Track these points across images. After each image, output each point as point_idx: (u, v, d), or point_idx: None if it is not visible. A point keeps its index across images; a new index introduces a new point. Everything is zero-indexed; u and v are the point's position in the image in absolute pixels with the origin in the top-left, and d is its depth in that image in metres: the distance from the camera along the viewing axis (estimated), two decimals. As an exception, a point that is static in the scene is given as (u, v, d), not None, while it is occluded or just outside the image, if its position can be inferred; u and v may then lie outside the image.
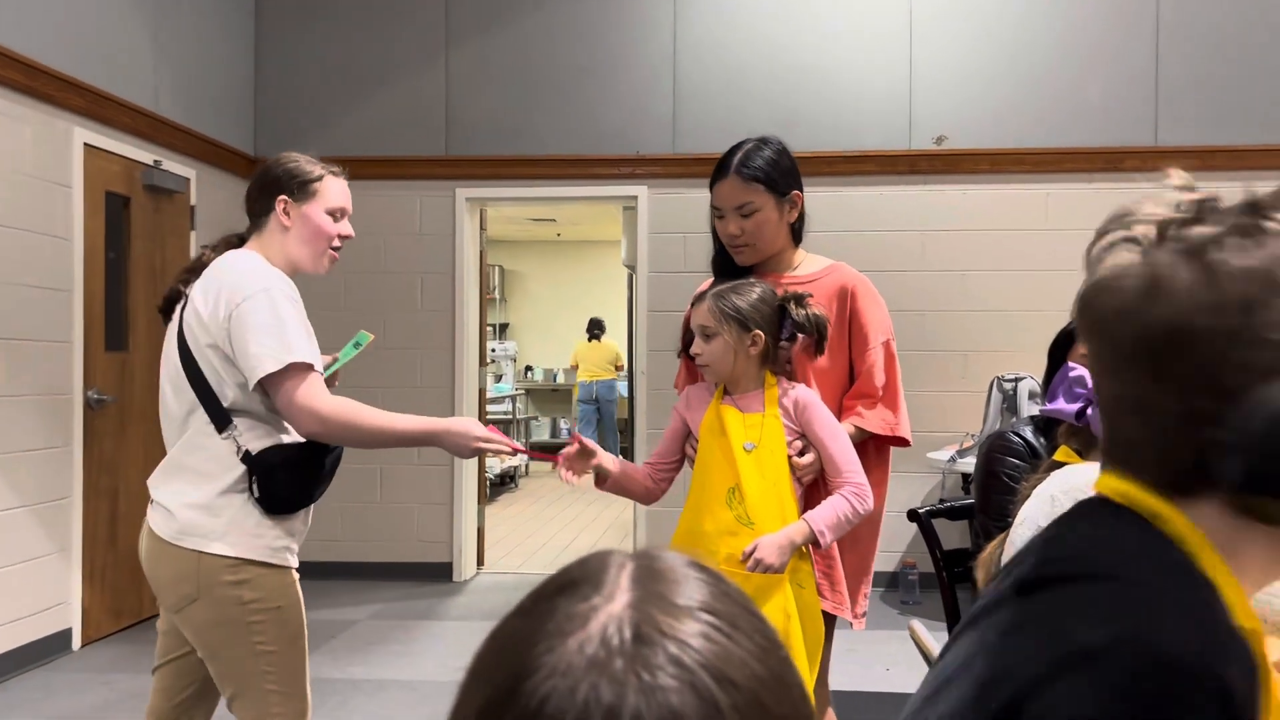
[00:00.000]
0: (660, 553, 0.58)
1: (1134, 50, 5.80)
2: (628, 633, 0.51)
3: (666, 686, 0.49)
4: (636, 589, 0.53)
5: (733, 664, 0.51)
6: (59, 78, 4.53)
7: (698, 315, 2.25)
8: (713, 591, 0.55)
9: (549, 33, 6.08)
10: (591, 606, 0.52)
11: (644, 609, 0.52)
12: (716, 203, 2.36)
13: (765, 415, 2.22)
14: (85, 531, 4.73)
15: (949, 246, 5.88)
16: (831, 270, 2.43)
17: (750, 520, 2.15)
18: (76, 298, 4.68)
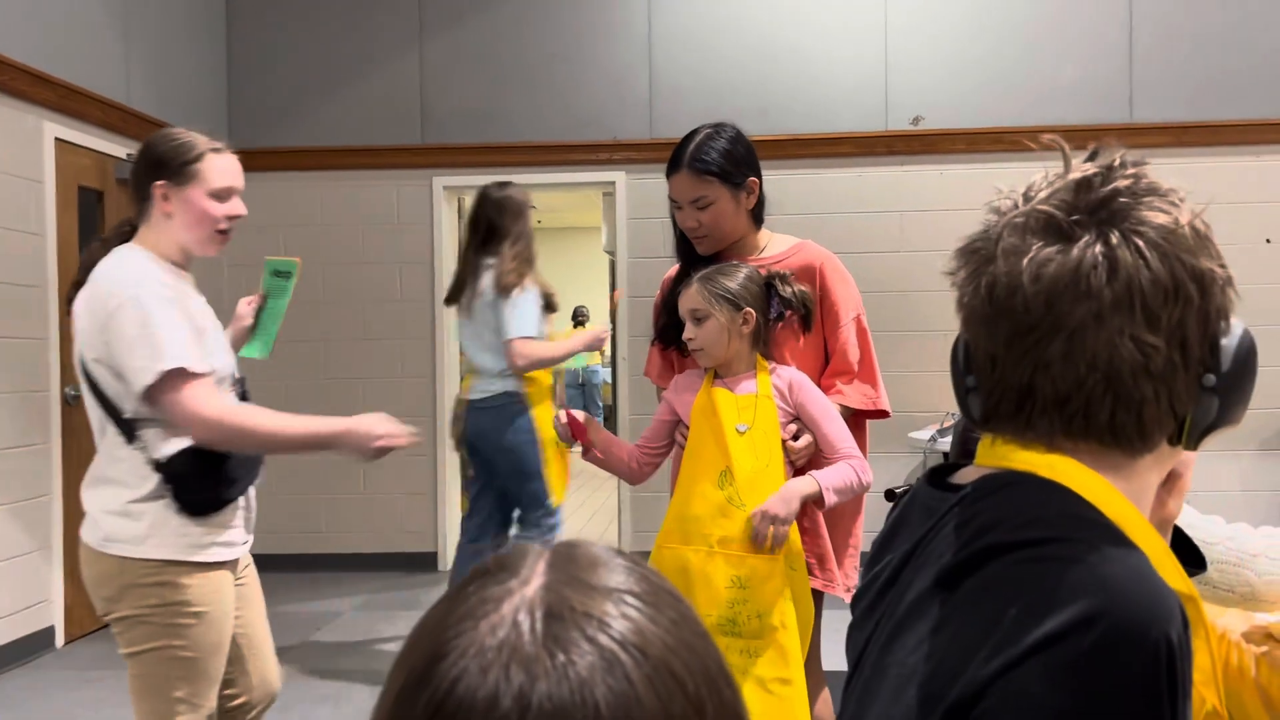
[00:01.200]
0: (580, 541, 0.58)
1: (1107, 28, 5.82)
2: (539, 613, 0.51)
3: (576, 661, 0.49)
4: (551, 573, 0.54)
5: (645, 637, 0.51)
6: (28, 72, 4.49)
7: (687, 300, 2.24)
8: (629, 573, 0.55)
9: (524, 19, 6.05)
10: (506, 590, 0.53)
11: (557, 590, 0.52)
12: (673, 195, 2.37)
13: (758, 397, 2.22)
14: (66, 529, 4.70)
15: (928, 226, 5.90)
16: (798, 249, 2.45)
17: (742, 502, 2.15)
18: (51, 293, 4.65)
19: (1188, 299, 0.82)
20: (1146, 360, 0.82)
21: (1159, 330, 0.82)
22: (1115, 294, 0.82)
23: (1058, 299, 0.83)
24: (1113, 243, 0.82)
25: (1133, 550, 0.78)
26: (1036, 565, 0.76)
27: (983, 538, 0.81)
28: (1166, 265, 0.82)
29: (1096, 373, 0.83)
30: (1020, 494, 0.84)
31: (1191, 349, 0.84)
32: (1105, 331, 0.82)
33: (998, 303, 0.86)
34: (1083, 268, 0.82)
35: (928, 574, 0.84)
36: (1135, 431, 0.85)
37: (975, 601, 0.78)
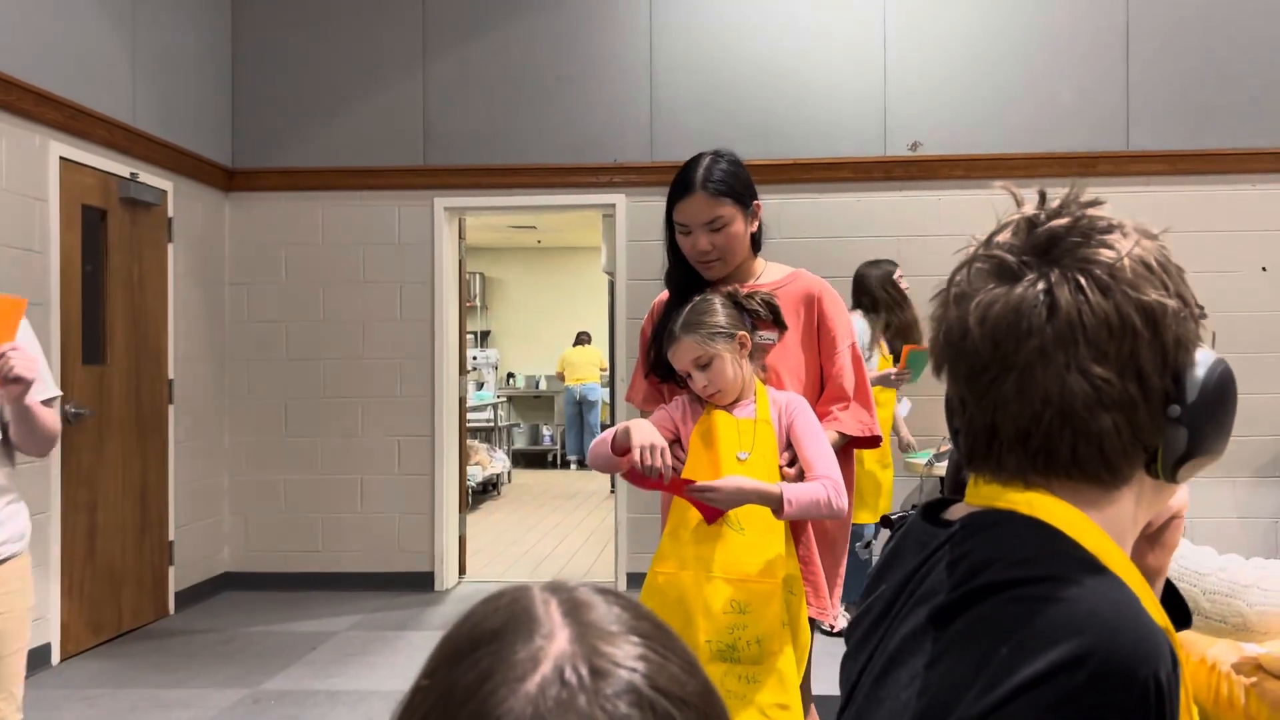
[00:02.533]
0: (571, 583, 0.59)
1: (1105, 56, 5.87)
2: (584, 669, 0.52)
3: (629, 715, 0.50)
4: (572, 624, 0.55)
5: (675, 681, 0.53)
6: (34, 92, 4.52)
7: (684, 353, 2.22)
8: (631, 613, 0.57)
9: (526, 42, 6.10)
10: (538, 648, 0.53)
11: (588, 643, 0.53)
12: (682, 219, 2.35)
13: (757, 421, 2.23)
14: (64, 546, 4.71)
15: (925, 251, 5.93)
16: (794, 277, 2.46)
17: (742, 526, 2.14)
18: (53, 311, 4.67)
19: (1134, 332, 0.84)
20: (1099, 393, 0.84)
21: (1107, 363, 0.83)
22: (1056, 330, 0.84)
23: (1003, 339, 0.86)
24: (1052, 281, 0.85)
25: (1122, 588, 0.79)
26: (1027, 604, 0.78)
27: (975, 577, 0.82)
28: (1110, 300, 0.83)
29: (1050, 408, 0.84)
30: (1009, 533, 0.85)
31: (1150, 381, 0.85)
32: (1052, 367, 0.84)
33: (953, 346, 0.90)
34: (1023, 307, 0.85)
35: (921, 610, 0.85)
36: (1100, 464, 0.85)
37: (967, 639, 0.79)
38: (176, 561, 5.64)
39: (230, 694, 4.24)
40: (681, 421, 2.34)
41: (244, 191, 6.21)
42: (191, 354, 5.82)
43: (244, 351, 6.19)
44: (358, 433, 6.14)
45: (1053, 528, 0.84)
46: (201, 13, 5.96)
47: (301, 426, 6.16)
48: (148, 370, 5.41)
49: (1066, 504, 0.85)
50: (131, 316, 5.28)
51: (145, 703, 4.15)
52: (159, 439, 5.50)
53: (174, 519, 5.61)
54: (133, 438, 5.26)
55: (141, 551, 5.34)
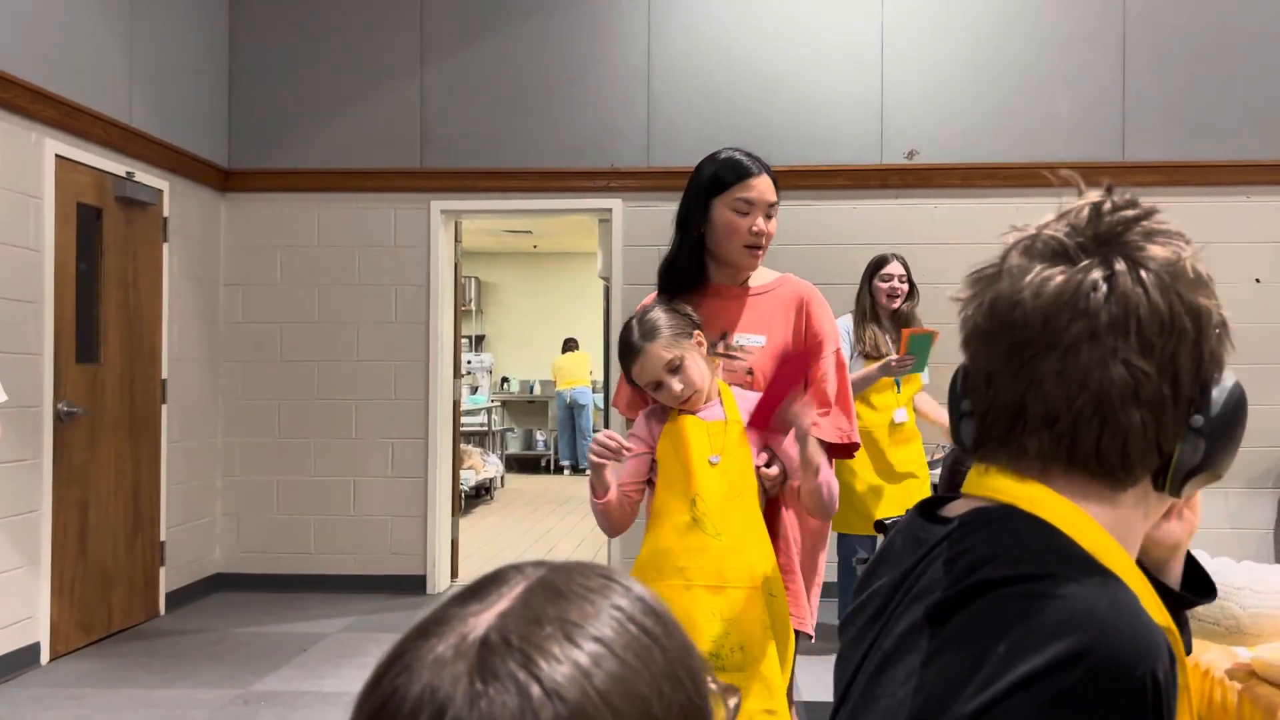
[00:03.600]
0: (576, 570, 0.58)
1: (1102, 66, 5.89)
2: (477, 639, 0.52)
3: (493, 697, 0.50)
4: (517, 602, 0.54)
5: (578, 685, 0.51)
6: (30, 89, 4.52)
7: (654, 361, 2.19)
8: (605, 615, 0.55)
9: (524, 46, 6.11)
10: (469, 613, 0.54)
11: (508, 620, 0.53)
12: (750, 196, 2.34)
13: (728, 422, 2.21)
14: (54, 545, 4.69)
15: (920, 260, 5.92)
16: (784, 281, 2.47)
17: (718, 531, 2.12)
18: (47, 309, 4.66)
19: (1183, 332, 0.84)
20: (1137, 386, 0.84)
21: (1151, 358, 0.84)
22: (1112, 315, 0.84)
23: (1055, 315, 0.85)
24: (1115, 268, 0.85)
25: (1120, 587, 0.79)
26: (1024, 602, 0.77)
27: (973, 574, 0.82)
28: (1165, 297, 0.84)
29: (1086, 393, 0.84)
30: (1007, 530, 0.85)
31: (1182, 385, 0.85)
32: (1098, 351, 0.84)
33: (998, 318, 0.89)
34: (1083, 287, 0.85)
35: (918, 608, 0.85)
36: (1119, 461, 0.85)
37: (964, 637, 0.79)
38: (168, 562, 5.62)
39: (221, 694, 4.22)
40: (646, 432, 2.32)
41: (240, 192, 6.20)
42: (185, 354, 5.81)
43: (238, 352, 6.18)
44: (351, 435, 6.13)
45: (1051, 525, 0.84)
46: (199, 13, 5.95)
47: (295, 428, 6.15)
48: (141, 370, 5.39)
49: (1067, 501, 0.85)
50: (125, 316, 5.27)
51: (135, 703, 4.13)
52: (152, 439, 5.48)
53: (166, 519, 5.60)
54: (125, 437, 5.24)
55: (133, 551, 5.32)
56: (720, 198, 2.36)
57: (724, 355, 2.36)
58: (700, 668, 0.57)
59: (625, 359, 2.26)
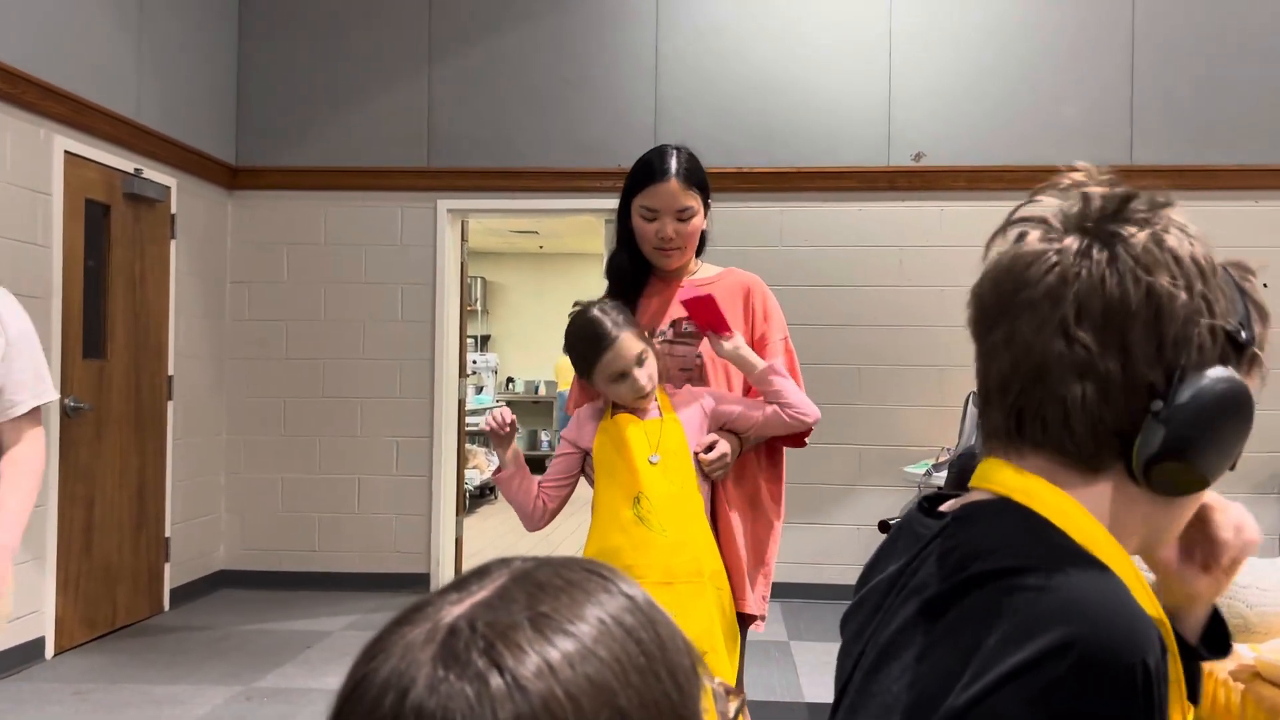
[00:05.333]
0: (563, 564, 0.57)
1: (1108, 70, 5.88)
2: (446, 625, 0.52)
3: (452, 683, 0.50)
4: (495, 593, 0.54)
5: (542, 680, 0.50)
6: (40, 85, 4.53)
7: (629, 349, 2.23)
8: (584, 610, 0.54)
9: (532, 45, 6.11)
10: (448, 601, 0.54)
11: (479, 609, 0.53)
12: (652, 204, 2.37)
13: (664, 420, 2.24)
14: (60, 540, 4.71)
15: (927, 262, 5.94)
16: (729, 273, 2.51)
17: (663, 528, 2.15)
18: (55, 305, 4.67)
19: (1128, 308, 0.83)
20: (1072, 355, 0.83)
21: (1092, 330, 0.83)
22: (1049, 285, 0.84)
23: (1005, 286, 0.87)
24: (1066, 243, 0.85)
25: (1110, 577, 0.79)
26: (1015, 594, 0.77)
27: (965, 569, 0.82)
28: (1113, 269, 0.83)
29: (1029, 360, 0.85)
30: (999, 524, 0.85)
31: (1135, 364, 0.83)
32: (1036, 319, 0.85)
33: (973, 294, 0.92)
34: (1029, 258, 0.86)
35: (912, 603, 0.85)
36: (1065, 433, 0.85)
37: (956, 630, 0.79)
38: (172, 558, 5.63)
39: (223, 690, 4.23)
40: (576, 434, 2.36)
41: (247, 190, 6.22)
42: (191, 351, 5.82)
43: (244, 350, 6.19)
44: (356, 433, 6.14)
45: (1043, 518, 0.84)
46: (208, 10, 5.97)
47: (300, 426, 6.16)
48: (147, 366, 5.41)
49: (1060, 491, 0.85)
50: (132, 312, 5.28)
51: (138, 698, 4.14)
52: (157, 435, 5.49)
53: (170, 515, 5.61)
54: (131, 433, 5.25)
55: (137, 547, 5.33)
56: (633, 201, 2.42)
57: (676, 342, 2.40)
58: (690, 669, 0.56)
59: (593, 350, 2.24)
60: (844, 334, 5.91)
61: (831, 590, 5.82)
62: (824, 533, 5.88)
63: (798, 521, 5.78)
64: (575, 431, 2.36)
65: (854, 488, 5.90)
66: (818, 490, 5.86)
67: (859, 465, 5.91)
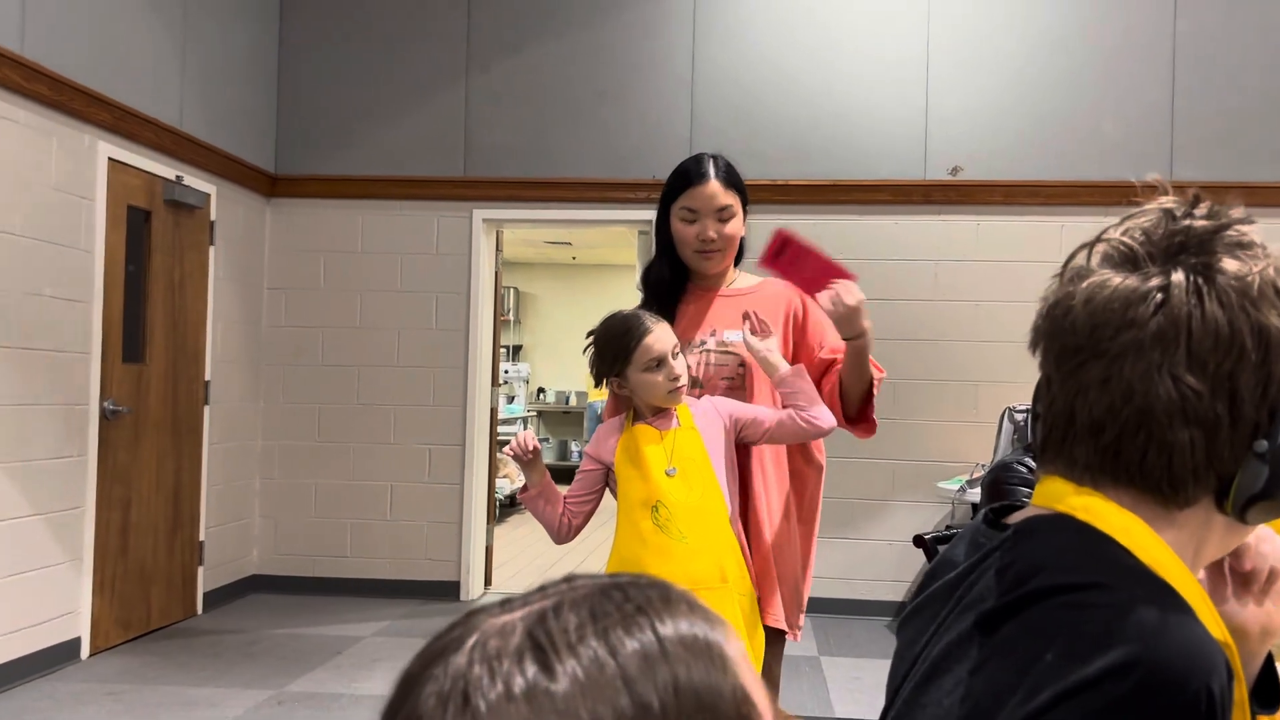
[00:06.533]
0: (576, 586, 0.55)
1: (1150, 84, 5.82)
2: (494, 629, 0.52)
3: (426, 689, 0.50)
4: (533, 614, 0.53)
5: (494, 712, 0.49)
6: (86, 93, 4.60)
7: (668, 335, 2.28)
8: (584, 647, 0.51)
9: (568, 57, 6.14)
10: (502, 610, 0.54)
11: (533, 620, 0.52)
12: (693, 204, 2.38)
13: (681, 431, 2.25)
14: (97, 541, 4.76)
15: (962, 277, 5.90)
16: (767, 283, 2.50)
17: (683, 535, 2.16)
18: (96, 309, 4.73)
19: (1241, 351, 0.80)
20: (1184, 403, 0.81)
21: (1203, 375, 0.81)
22: (1159, 327, 0.81)
23: (1102, 323, 0.83)
24: (1173, 279, 0.82)
25: (1175, 598, 0.77)
26: (1075, 611, 0.76)
27: (1023, 584, 0.80)
28: (1226, 312, 0.80)
29: (1131, 405, 0.82)
30: (1060, 539, 0.83)
31: (1242, 406, 0.81)
32: (1143, 364, 0.82)
33: (1054, 321, 0.88)
34: (1133, 297, 0.83)
35: (968, 617, 0.84)
36: (1165, 478, 0.83)
37: (1013, 645, 0.78)
38: (206, 562, 5.68)
39: (255, 694, 4.26)
40: (596, 449, 2.39)
41: (286, 197, 6.28)
42: (228, 356, 5.88)
43: (280, 355, 6.25)
44: (389, 440, 6.17)
45: (1106, 535, 0.82)
46: (251, 21, 6.05)
47: (334, 432, 6.20)
48: (185, 370, 5.47)
49: (1124, 510, 0.83)
50: (171, 317, 5.35)
51: (171, 700, 4.17)
52: (194, 439, 5.55)
53: (205, 519, 5.66)
54: (168, 437, 5.31)
55: (172, 550, 5.38)
56: (672, 205, 2.42)
57: (715, 351, 2.40)
58: None
59: (630, 336, 2.27)
60: (878, 347, 5.82)
61: (863, 606, 5.77)
62: (857, 548, 5.85)
63: (830, 536, 5.75)
64: (596, 447, 2.38)
65: (887, 503, 5.86)
66: (851, 505, 5.82)
67: (893, 480, 5.86)
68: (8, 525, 4.24)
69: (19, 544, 4.30)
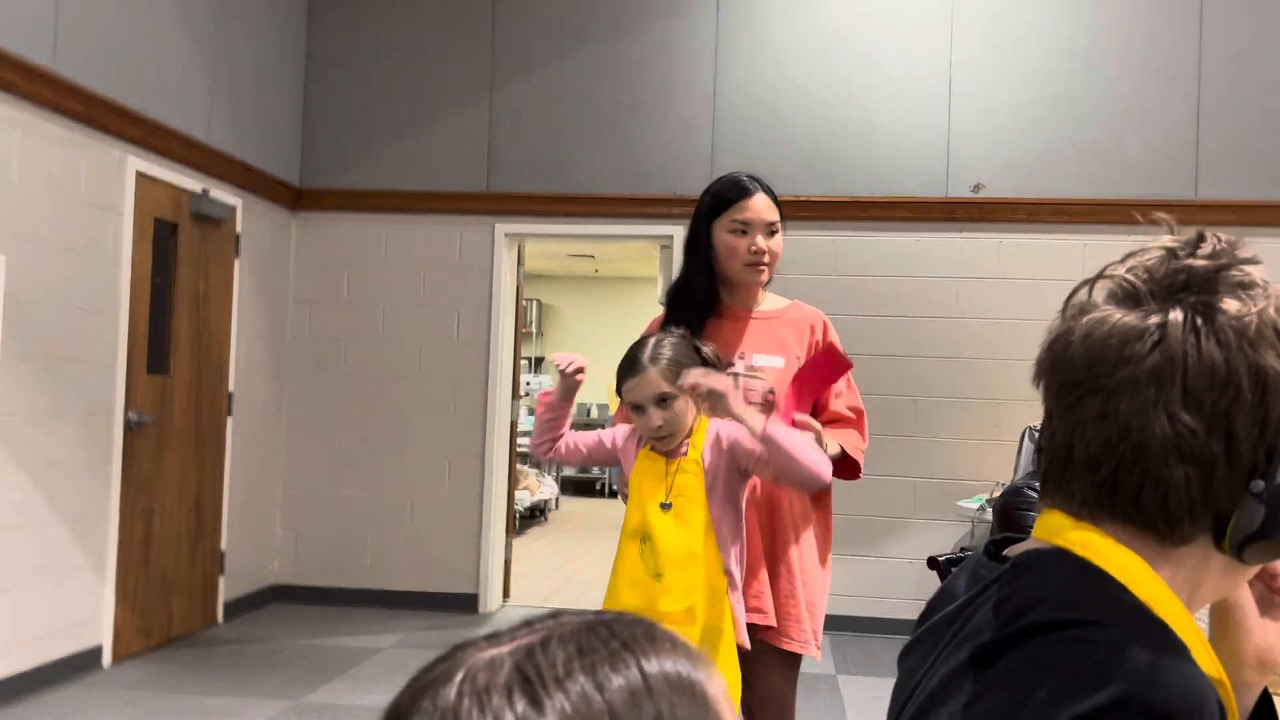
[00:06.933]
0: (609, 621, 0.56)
1: (1175, 103, 5.80)
2: (482, 663, 0.54)
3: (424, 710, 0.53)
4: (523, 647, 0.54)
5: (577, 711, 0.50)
6: (116, 108, 4.67)
7: (649, 387, 2.18)
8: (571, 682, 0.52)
9: (591, 72, 6.18)
10: (489, 644, 0.56)
11: (520, 654, 0.53)
12: (746, 217, 2.40)
13: (686, 460, 2.21)
14: (120, 550, 4.81)
15: (985, 295, 5.88)
16: (795, 306, 2.53)
17: (659, 572, 2.13)
18: (122, 321, 4.79)
19: (1238, 391, 0.80)
20: (1179, 440, 0.81)
21: (1199, 414, 0.81)
22: (1155, 364, 0.81)
23: (1099, 359, 0.84)
24: (1170, 317, 0.82)
25: (1169, 637, 0.78)
26: (1069, 647, 0.76)
27: (1019, 619, 0.81)
28: (1223, 351, 0.81)
29: (1127, 441, 0.82)
30: (1058, 574, 0.84)
31: (1239, 445, 0.81)
32: (1139, 400, 0.82)
33: (1055, 355, 0.88)
34: (1130, 334, 0.83)
35: (964, 649, 0.84)
36: (1160, 515, 0.83)
37: (1008, 680, 0.78)
38: (227, 571, 5.72)
39: (273, 705, 4.28)
40: (621, 446, 2.38)
41: (310, 211, 6.34)
42: (252, 368, 5.93)
43: (303, 367, 6.30)
44: (409, 452, 6.20)
45: (1104, 572, 0.82)
46: (279, 36, 6.11)
47: (355, 443, 6.24)
48: (209, 382, 5.52)
49: (1123, 547, 0.84)
50: (196, 328, 5.40)
51: (189, 709, 4.20)
52: (216, 450, 5.60)
53: (226, 529, 5.70)
54: (191, 447, 5.36)
55: (194, 560, 5.42)
56: (718, 220, 2.44)
57: (746, 375, 2.39)
58: None
59: (621, 372, 2.26)
60: (899, 365, 5.86)
61: (882, 624, 5.75)
62: (876, 566, 5.82)
63: (849, 554, 5.73)
64: (620, 442, 2.38)
65: (907, 521, 5.84)
66: (870, 523, 5.80)
67: (913, 499, 5.84)
68: (34, 533, 4.29)
69: (44, 552, 4.35)
